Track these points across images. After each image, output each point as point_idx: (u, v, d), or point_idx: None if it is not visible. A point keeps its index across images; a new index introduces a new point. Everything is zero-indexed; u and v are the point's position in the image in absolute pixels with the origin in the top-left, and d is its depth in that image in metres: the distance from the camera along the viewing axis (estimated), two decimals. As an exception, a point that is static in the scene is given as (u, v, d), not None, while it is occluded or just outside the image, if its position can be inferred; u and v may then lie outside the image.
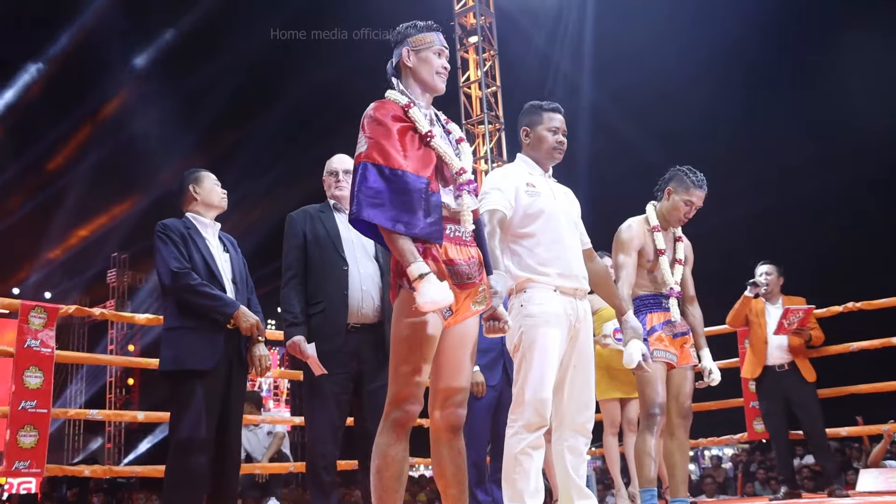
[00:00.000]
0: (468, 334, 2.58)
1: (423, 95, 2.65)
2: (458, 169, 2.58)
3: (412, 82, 2.65)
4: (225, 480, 3.65)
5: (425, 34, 2.66)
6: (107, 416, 7.55)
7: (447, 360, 2.54)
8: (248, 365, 3.73)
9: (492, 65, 14.30)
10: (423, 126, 2.55)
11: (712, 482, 10.96)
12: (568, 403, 3.22)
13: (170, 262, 3.58)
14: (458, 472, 2.56)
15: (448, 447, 2.55)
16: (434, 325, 2.44)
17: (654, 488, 3.90)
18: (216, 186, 3.90)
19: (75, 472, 5.67)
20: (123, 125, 18.30)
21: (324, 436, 3.59)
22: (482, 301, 2.58)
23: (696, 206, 4.00)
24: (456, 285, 2.47)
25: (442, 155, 2.55)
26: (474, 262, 2.56)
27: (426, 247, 2.43)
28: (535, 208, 3.22)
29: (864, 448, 9.28)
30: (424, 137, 2.54)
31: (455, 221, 2.54)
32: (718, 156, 16.40)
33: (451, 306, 2.46)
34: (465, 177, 2.58)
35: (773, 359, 5.75)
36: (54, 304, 4.97)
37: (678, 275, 4.04)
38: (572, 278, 3.21)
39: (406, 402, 2.44)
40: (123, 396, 20.79)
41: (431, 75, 2.63)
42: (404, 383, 2.43)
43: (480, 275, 2.57)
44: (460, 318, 2.53)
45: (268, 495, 6.30)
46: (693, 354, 4.04)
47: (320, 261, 3.70)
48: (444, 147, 2.57)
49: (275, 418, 9.16)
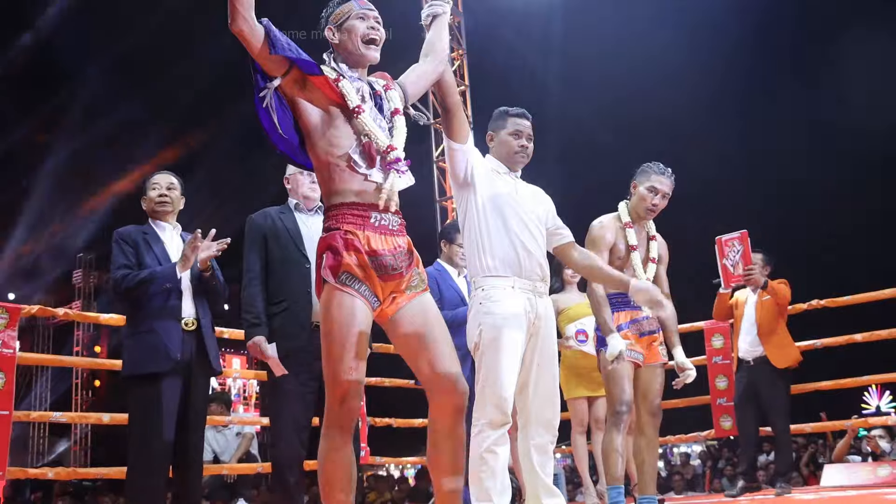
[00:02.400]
0: (425, 319, 2.47)
1: (353, 69, 2.57)
2: (386, 147, 2.47)
3: (341, 59, 2.58)
4: (188, 482, 3.62)
5: (342, 6, 2.58)
6: (71, 418, 7.47)
7: (418, 346, 2.44)
8: (209, 366, 3.71)
9: (460, 64, 14.27)
10: (353, 100, 2.46)
11: (681, 479, 11.06)
12: (533, 401, 3.23)
13: (114, 271, 3.60)
14: (456, 462, 2.46)
15: (446, 436, 2.44)
16: (362, 319, 2.37)
17: (622, 485, 3.92)
18: (152, 192, 3.82)
19: (39, 474, 5.62)
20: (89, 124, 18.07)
21: (288, 435, 3.55)
22: (418, 285, 2.49)
23: (661, 192, 4.02)
24: (379, 277, 2.40)
25: (368, 132, 2.45)
26: (401, 251, 2.47)
27: (347, 239, 2.37)
28: (495, 207, 3.24)
29: (829, 444, 9.42)
30: (351, 113, 2.46)
31: (379, 209, 2.43)
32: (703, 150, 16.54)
33: (379, 296, 2.42)
34: (392, 154, 2.47)
35: (742, 352, 5.75)
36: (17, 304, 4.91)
37: (651, 272, 4.06)
38: (530, 276, 3.22)
39: (346, 398, 2.34)
40: (90, 399, 20.51)
41: (357, 44, 2.55)
42: (341, 380, 2.34)
43: (410, 265, 2.49)
44: (395, 308, 2.46)
45: (236, 496, 6.26)
46: (662, 353, 4.06)
47: (281, 259, 3.67)
48: (370, 124, 2.47)
49: (243, 419, 9.10)
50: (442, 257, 4.92)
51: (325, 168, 2.45)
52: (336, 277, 2.36)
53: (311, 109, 2.46)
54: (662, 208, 4.07)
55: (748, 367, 5.73)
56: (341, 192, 2.43)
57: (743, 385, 5.75)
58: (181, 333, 3.59)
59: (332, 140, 2.44)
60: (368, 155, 2.45)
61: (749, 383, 5.71)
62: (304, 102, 2.46)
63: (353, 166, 2.43)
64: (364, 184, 2.44)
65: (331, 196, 2.46)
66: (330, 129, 2.45)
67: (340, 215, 2.42)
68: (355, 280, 2.37)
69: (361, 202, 2.42)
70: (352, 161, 2.43)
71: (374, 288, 2.40)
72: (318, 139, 2.46)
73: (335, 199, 2.44)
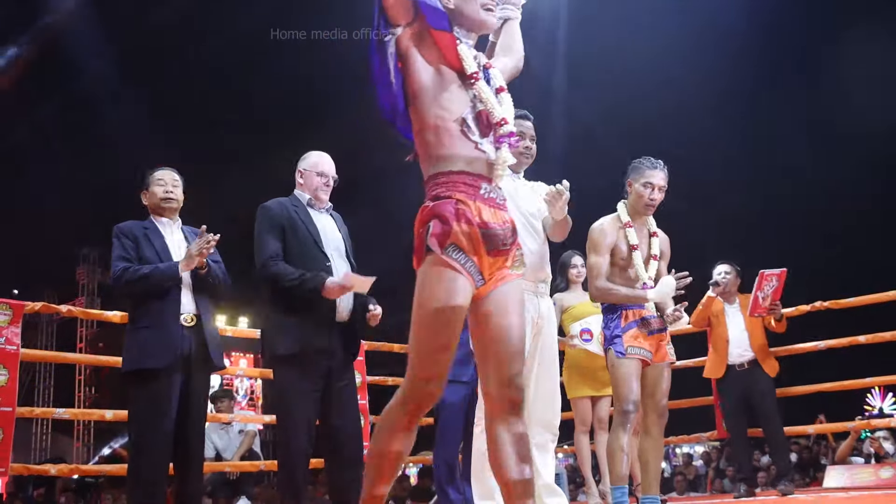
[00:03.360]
0: (511, 299, 2.30)
1: (468, 35, 2.43)
2: (500, 119, 2.34)
3: (456, 23, 2.40)
4: (189, 477, 3.62)
5: None
6: (73, 414, 7.49)
7: (493, 330, 2.26)
8: (209, 362, 3.70)
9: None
10: (470, 65, 2.33)
11: (683, 479, 11.05)
12: (534, 401, 3.24)
13: (113, 265, 3.59)
14: (523, 460, 2.23)
15: (507, 432, 2.23)
16: (462, 298, 2.20)
17: (626, 486, 3.90)
18: (158, 188, 3.80)
19: (41, 471, 5.61)
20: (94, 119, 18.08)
21: (297, 433, 3.54)
22: (520, 265, 2.35)
23: (656, 186, 4.01)
24: (488, 252, 2.24)
25: (485, 100, 2.33)
26: (508, 227, 2.31)
27: (459, 209, 2.21)
28: None
29: (831, 446, 9.41)
30: (469, 78, 2.33)
31: (488, 180, 2.29)
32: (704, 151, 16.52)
33: (484, 274, 2.25)
34: (506, 128, 2.34)
35: (734, 357, 5.79)
36: (21, 300, 4.90)
37: (652, 270, 4.05)
38: (531, 277, 3.22)
39: (430, 381, 2.20)
40: (93, 395, 20.54)
41: (476, 8, 2.40)
42: (431, 361, 2.19)
43: (514, 241, 2.33)
44: (493, 285, 2.28)
45: (239, 494, 6.26)
46: (670, 352, 4.05)
47: (300, 255, 3.63)
48: (487, 93, 2.34)
49: (246, 416, 9.11)
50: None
51: (433, 131, 2.29)
52: (443, 249, 2.19)
53: (424, 67, 2.31)
54: (661, 201, 4.07)
55: (740, 371, 5.78)
56: (450, 159, 2.27)
57: (736, 391, 5.79)
58: (181, 329, 3.58)
59: (443, 103, 2.29)
60: (482, 123, 2.32)
61: (742, 388, 5.76)
62: (418, 59, 2.31)
63: (466, 132, 2.28)
64: (475, 152, 2.29)
65: (437, 163, 2.29)
66: (443, 93, 2.30)
67: (451, 183, 2.25)
68: (462, 254, 2.21)
69: (472, 171, 2.28)
70: (465, 125, 2.29)
71: (480, 264, 2.24)
72: (429, 101, 2.30)
73: (443, 166, 2.28)
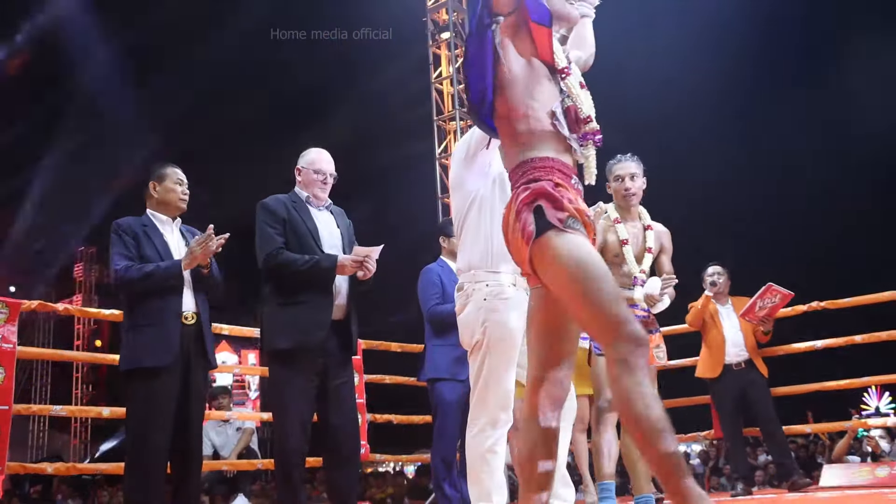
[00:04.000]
0: None
1: (556, 30, 2.40)
2: (587, 116, 2.30)
3: None
4: (188, 476, 3.61)
5: None
6: (70, 411, 7.48)
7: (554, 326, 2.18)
8: (207, 361, 3.69)
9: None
10: (561, 60, 2.31)
11: (680, 478, 11.05)
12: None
13: (115, 262, 3.55)
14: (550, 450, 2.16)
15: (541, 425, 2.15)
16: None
17: (611, 482, 3.87)
18: (177, 186, 3.77)
19: (38, 469, 5.60)
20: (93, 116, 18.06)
21: (294, 431, 3.54)
22: None
23: (625, 175, 4.11)
24: None
25: (575, 96, 2.29)
26: (590, 219, 2.25)
27: (560, 191, 2.14)
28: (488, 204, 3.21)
29: (825, 444, 9.43)
30: (560, 73, 2.30)
31: (575, 173, 2.25)
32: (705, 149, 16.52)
33: None
34: (591, 125, 2.31)
35: (731, 357, 5.80)
36: (17, 298, 4.90)
37: (647, 263, 4.07)
38: None
39: (632, 321, 2.02)
40: (90, 393, 20.53)
41: (563, 4, 2.38)
42: (616, 306, 2.01)
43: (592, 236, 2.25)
44: None
45: (236, 491, 6.25)
46: (658, 356, 4.05)
47: (298, 252, 3.64)
48: (576, 88, 2.30)
49: (243, 414, 9.11)
50: (444, 253, 4.87)
51: (524, 120, 2.24)
52: (563, 223, 2.10)
53: (517, 59, 2.28)
54: (640, 188, 4.14)
55: (736, 371, 5.79)
56: (542, 148, 2.22)
57: (732, 390, 5.79)
58: (180, 327, 3.57)
59: (534, 94, 2.25)
60: (570, 118, 2.27)
61: (739, 387, 5.77)
62: (512, 50, 2.28)
63: (556, 125, 2.23)
64: (564, 144, 2.25)
65: (530, 148, 2.23)
66: (534, 85, 2.27)
67: (548, 168, 2.19)
68: (580, 225, 2.13)
69: (564, 161, 2.24)
70: (555, 118, 2.24)
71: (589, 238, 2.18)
72: (521, 91, 2.26)
73: (537, 152, 2.22)
